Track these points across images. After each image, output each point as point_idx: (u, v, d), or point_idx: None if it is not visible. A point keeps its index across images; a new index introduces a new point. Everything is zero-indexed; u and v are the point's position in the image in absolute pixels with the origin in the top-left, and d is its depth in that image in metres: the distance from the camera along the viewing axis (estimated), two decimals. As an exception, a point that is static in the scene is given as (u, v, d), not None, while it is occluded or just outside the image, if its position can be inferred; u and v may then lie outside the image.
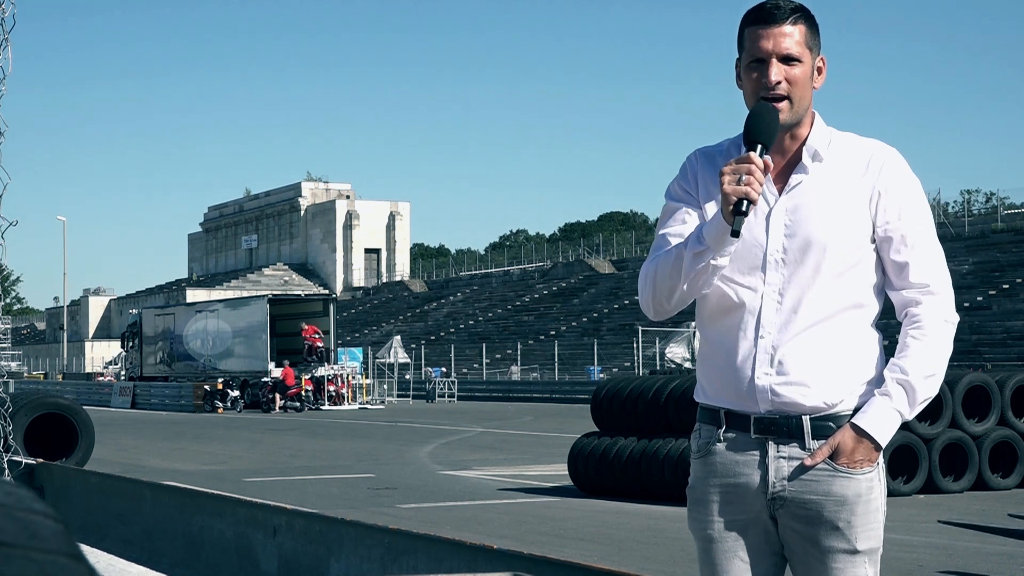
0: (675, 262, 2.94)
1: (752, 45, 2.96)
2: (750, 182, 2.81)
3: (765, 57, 2.94)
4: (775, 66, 2.93)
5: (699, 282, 2.94)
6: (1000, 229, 56.46)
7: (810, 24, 2.99)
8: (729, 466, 3.02)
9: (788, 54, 2.93)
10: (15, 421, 11.98)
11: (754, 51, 2.95)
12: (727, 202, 2.82)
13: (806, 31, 2.97)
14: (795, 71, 2.94)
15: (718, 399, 3.04)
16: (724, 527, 3.03)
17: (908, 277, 2.97)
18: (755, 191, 2.81)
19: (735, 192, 2.81)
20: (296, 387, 42.03)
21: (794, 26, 2.95)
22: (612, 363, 56.35)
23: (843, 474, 2.94)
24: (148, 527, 8.22)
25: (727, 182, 2.82)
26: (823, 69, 3.02)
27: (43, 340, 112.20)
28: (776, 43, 2.93)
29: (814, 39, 2.99)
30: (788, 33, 2.94)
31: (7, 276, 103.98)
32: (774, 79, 2.92)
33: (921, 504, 13.37)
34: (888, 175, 2.98)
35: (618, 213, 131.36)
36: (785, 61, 2.94)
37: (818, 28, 3.01)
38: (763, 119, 2.89)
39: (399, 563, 5.56)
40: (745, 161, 2.83)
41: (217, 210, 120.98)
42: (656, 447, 13.77)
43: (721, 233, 2.85)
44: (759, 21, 2.96)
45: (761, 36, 2.94)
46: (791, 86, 2.93)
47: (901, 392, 2.92)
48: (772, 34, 2.93)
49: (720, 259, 2.91)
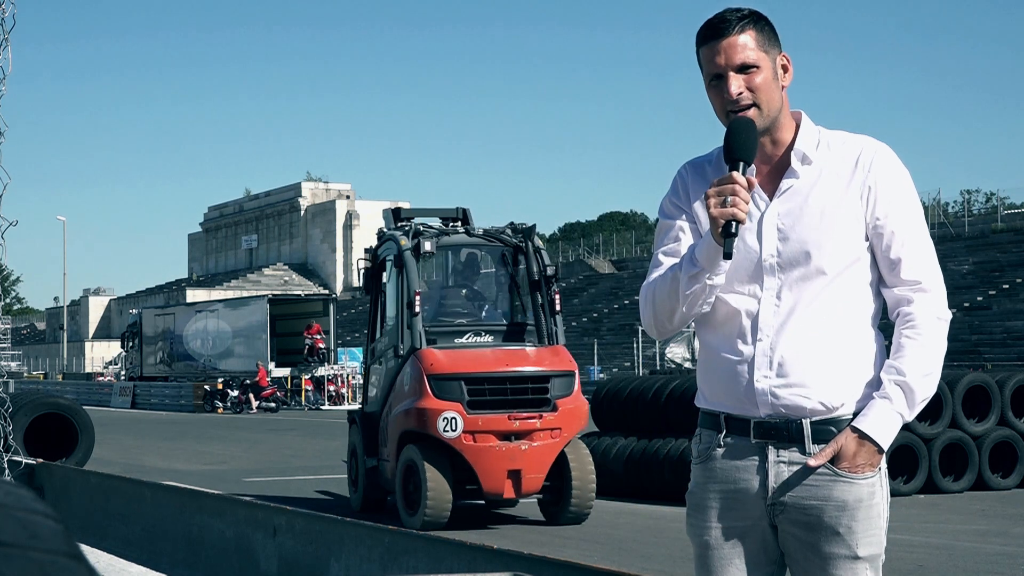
0: (672, 284, 2.96)
1: (708, 63, 2.97)
2: (735, 203, 2.83)
3: (722, 72, 2.94)
4: (733, 79, 2.93)
5: (697, 302, 2.96)
6: (1000, 229, 56.45)
7: (760, 27, 2.98)
8: (729, 472, 3.01)
9: (742, 63, 2.94)
10: (15, 421, 11.99)
11: (711, 68, 2.96)
12: (715, 225, 2.84)
13: (757, 35, 2.96)
14: (755, 79, 2.94)
15: (718, 404, 3.03)
16: (722, 533, 3.02)
17: (900, 274, 2.97)
18: (742, 211, 2.83)
19: (722, 215, 2.83)
20: (271, 388, 42.07)
21: (743, 34, 2.95)
22: (612, 363, 56.35)
23: (844, 479, 2.93)
24: (148, 527, 8.22)
25: (713, 205, 2.85)
26: (788, 67, 3.01)
27: (43, 340, 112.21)
28: (728, 56, 2.94)
29: (769, 41, 2.98)
30: (740, 44, 2.94)
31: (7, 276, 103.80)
32: (735, 92, 2.93)
33: (921, 504, 13.37)
34: (878, 171, 2.97)
35: (618, 213, 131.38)
36: (742, 71, 2.94)
37: (771, 27, 3.00)
38: (740, 135, 2.90)
39: (399, 563, 5.56)
40: (728, 182, 2.85)
41: (217, 210, 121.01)
42: (656, 447, 13.77)
43: (714, 254, 2.88)
44: (708, 38, 2.97)
45: (714, 53, 2.95)
46: (754, 93, 2.94)
47: (900, 393, 2.92)
48: (723, 48, 2.94)
49: (716, 278, 2.92)
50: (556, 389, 11.88)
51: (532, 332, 12.46)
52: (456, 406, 11.49)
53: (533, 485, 11.60)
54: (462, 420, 11.44)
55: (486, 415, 11.55)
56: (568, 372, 12.04)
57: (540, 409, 11.70)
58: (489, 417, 11.54)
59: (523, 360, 11.98)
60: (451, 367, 11.72)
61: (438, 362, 11.75)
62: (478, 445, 11.49)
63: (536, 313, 12.47)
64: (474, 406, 11.58)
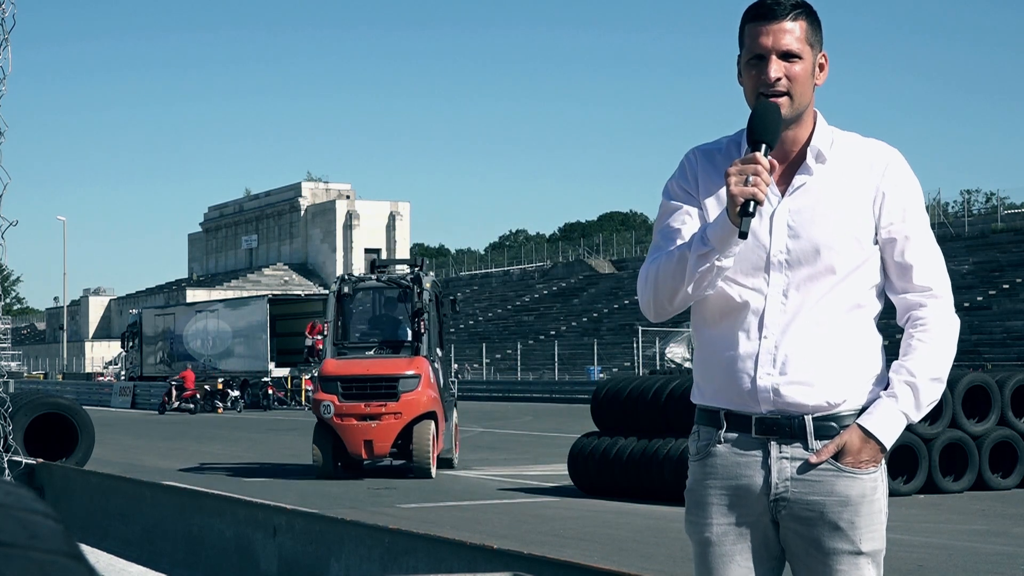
0: (678, 264, 2.91)
1: (752, 41, 2.93)
2: (757, 183, 2.79)
3: (765, 53, 2.91)
4: (775, 63, 2.91)
5: (703, 283, 2.91)
6: (1000, 229, 56.45)
7: (811, 20, 2.96)
8: (730, 468, 2.99)
9: (788, 50, 2.91)
10: (15, 421, 11.99)
11: (754, 47, 2.93)
12: (734, 203, 2.79)
13: (807, 27, 2.94)
14: (795, 68, 2.92)
15: (718, 400, 3.01)
16: (723, 530, 3.00)
17: (912, 279, 2.95)
18: (762, 191, 2.79)
19: (742, 193, 2.78)
20: (193, 390, 42.15)
21: (794, 22, 2.92)
22: (612, 363, 56.33)
23: (847, 474, 2.92)
24: (148, 527, 8.22)
25: (734, 183, 2.80)
26: (825, 66, 3.00)
27: (43, 340, 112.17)
28: (776, 39, 2.91)
29: (815, 35, 2.96)
30: (788, 29, 2.91)
31: (7, 276, 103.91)
32: (773, 76, 2.90)
33: (921, 504, 13.37)
34: (891, 177, 2.96)
35: (618, 213, 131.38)
36: (785, 57, 2.91)
37: (820, 24, 2.98)
38: (766, 118, 2.87)
39: (399, 563, 5.56)
40: (751, 161, 2.81)
41: (217, 210, 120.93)
42: (656, 447, 13.76)
43: (728, 234, 2.83)
44: (759, 17, 2.93)
45: (761, 32, 2.92)
46: (791, 83, 2.91)
47: (908, 393, 2.91)
48: (772, 30, 2.91)
49: (725, 260, 2.88)
50: (403, 386, 16.95)
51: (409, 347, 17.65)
52: (332, 397, 16.94)
53: (381, 451, 16.91)
54: (334, 407, 16.85)
55: (350, 403, 16.87)
56: (414, 375, 17.07)
57: (387, 400, 16.84)
58: (352, 404, 16.87)
59: (382, 367, 17.13)
60: (333, 371, 17.22)
61: (327, 368, 17.38)
62: (344, 423, 16.83)
63: (414, 334, 17.71)
64: (346, 397, 16.91)
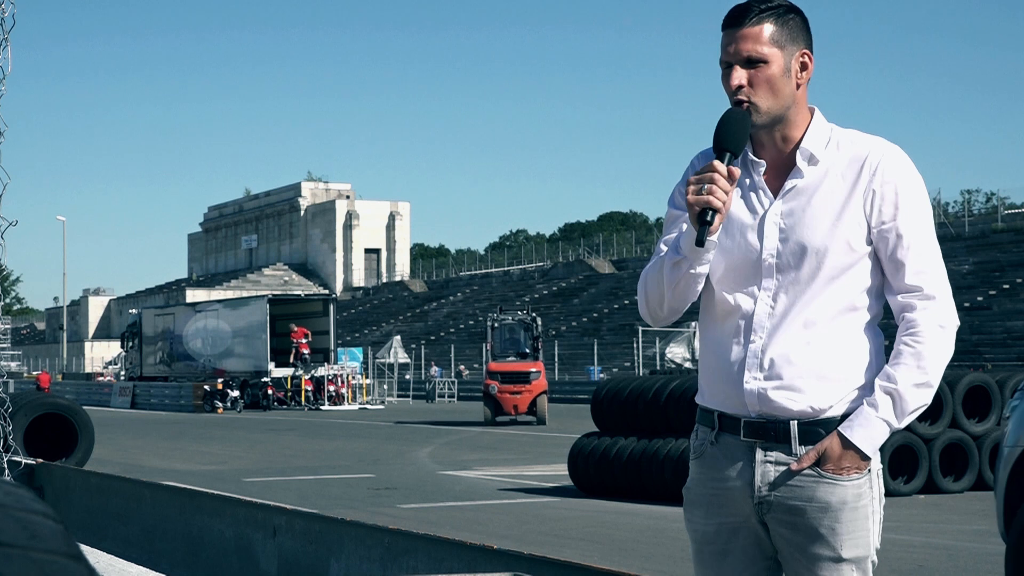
0: (659, 271, 2.97)
1: (722, 49, 2.95)
2: (712, 191, 2.80)
3: (730, 61, 2.92)
4: (736, 72, 2.90)
5: (680, 290, 2.94)
6: (1000, 229, 56.44)
7: (784, 21, 2.91)
8: (720, 468, 3.01)
9: (749, 56, 2.89)
10: (15, 421, 11.99)
11: (722, 55, 2.94)
12: (691, 212, 2.83)
13: (774, 29, 2.90)
14: (761, 73, 2.89)
15: (714, 401, 3.03)
16: (716, 529, 3.03)
17: (904, 279, 2.91)
18: (717, 200, 2.80)
19: (696, 202, 2.81)
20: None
21: (758, 26, 2.89)
22: (612, 363, 56.35)
23: (828, 480, 2.91)
24: (148, 527, 8.22)
25: (691, 192, 2.83)
26: (808, 64, 2.95)
27: (43, 340, 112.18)
28: (737, 47, 2.90)
29: (790, 35, 2.92)
30: (752, 35, 2.89)
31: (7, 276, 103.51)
32: (734, 84, 2.90)
33: (921, 504, 13.37)
34: (884, 173, 2.91)
35: (618, 213, 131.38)
36: (749, 64, 2.90)
37: (800, 22, 2.94)
38: (731, 127, 2.86)
39: (399, 563, 5.56)
40: (708, 171, 2.83)
41: (217, 210, 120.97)
42: (656, 447, 13.77)
43: (692, 242, 2.87)
44: (727, 24, 2.94)
45: (728, 40, 2.93)
46: (754, 89, 2.89)
47: (888, 401, 2.88)
48: (736, 37, 2.91)
49: (699, 267, 2.91)
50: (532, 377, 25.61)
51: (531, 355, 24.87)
52: (495, 382, 26.93)
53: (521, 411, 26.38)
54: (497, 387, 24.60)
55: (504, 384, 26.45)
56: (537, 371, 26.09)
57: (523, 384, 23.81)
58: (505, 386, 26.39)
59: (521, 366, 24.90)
60: (495, 368, 26.99)
61: (492, 366, 24.10)
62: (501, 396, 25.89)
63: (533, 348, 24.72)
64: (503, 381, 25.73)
